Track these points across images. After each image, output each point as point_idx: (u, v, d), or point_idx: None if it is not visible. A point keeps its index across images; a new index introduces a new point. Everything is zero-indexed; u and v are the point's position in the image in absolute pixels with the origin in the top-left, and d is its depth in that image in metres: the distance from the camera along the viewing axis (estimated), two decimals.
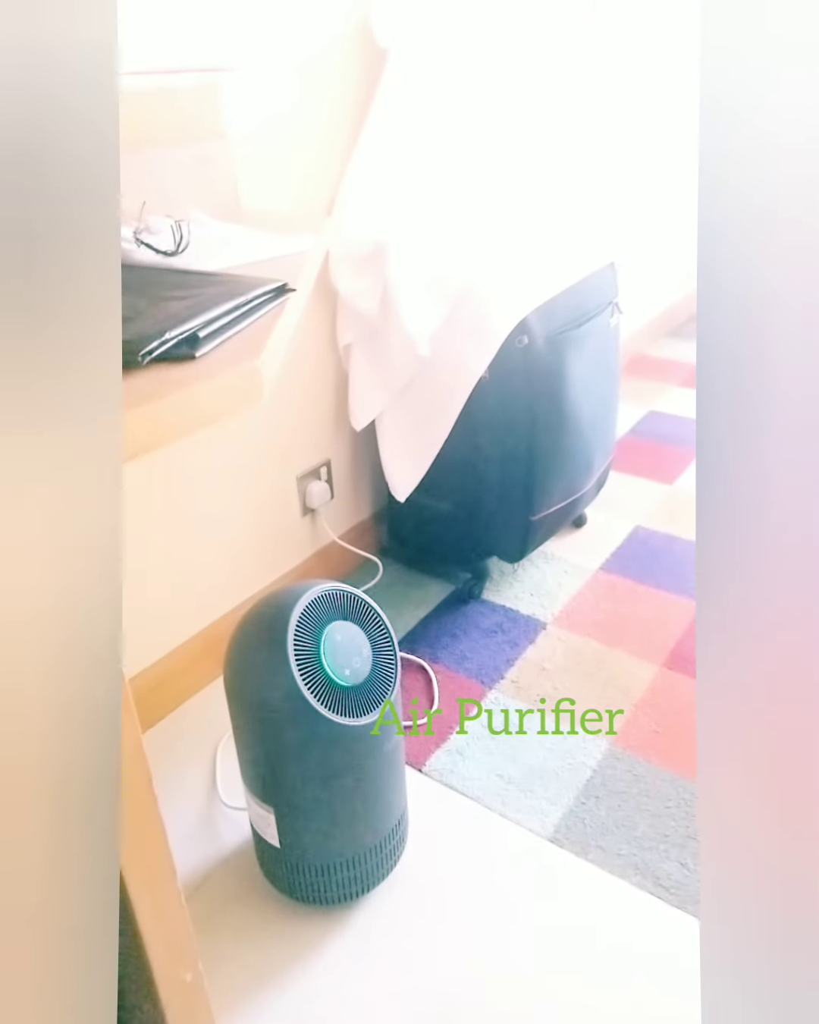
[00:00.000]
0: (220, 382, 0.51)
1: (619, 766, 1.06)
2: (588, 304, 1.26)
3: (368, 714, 0.81)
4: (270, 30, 0.99)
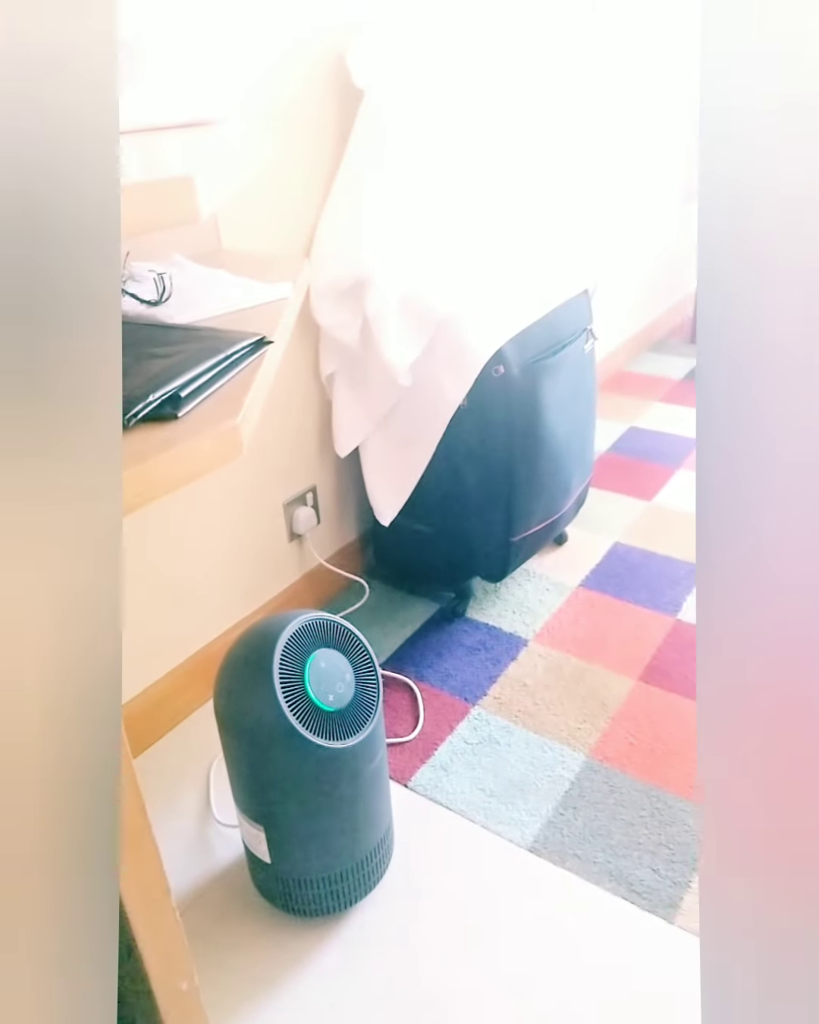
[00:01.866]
0: (201, 441, 0.56)
1: (596, 778, 1.11)
2: (562, 332, 1.31)
3: (351, 737, 0.86)
4: (250, 78, 1.04)
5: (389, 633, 1.40)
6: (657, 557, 1.56)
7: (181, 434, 0.56)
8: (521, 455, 1.26)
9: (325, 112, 1.17)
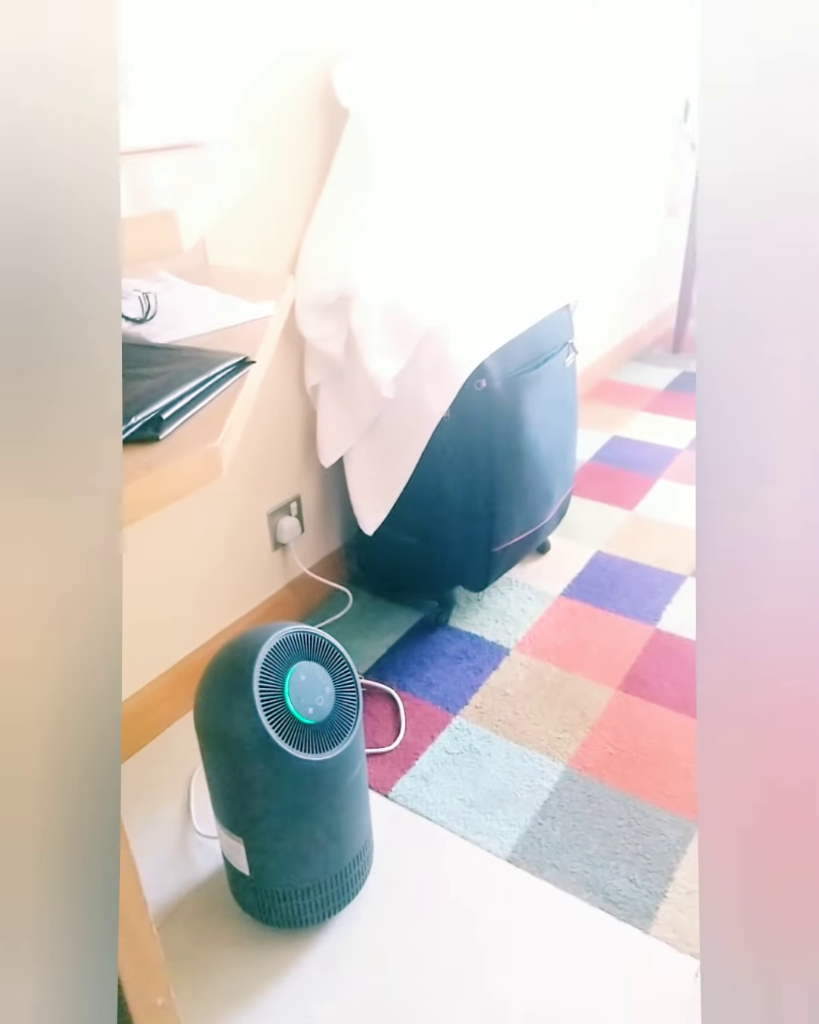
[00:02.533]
0: (182, 463, 0.57)
1: (574, 787, 1.12)
2: (544, 346, 1.33)
3: (331, 749, 0.87)
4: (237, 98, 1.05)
5: (372, 642, 1.41)
6: (637, 566, 1.58)
7: (162, 456, 0.57)
8: (503, 467, 1.28)
9: (311, 131, 1.18)
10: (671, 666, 1.32)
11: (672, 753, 1.16)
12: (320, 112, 1.18)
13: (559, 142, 1.86)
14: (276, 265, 1.20)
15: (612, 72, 1.98)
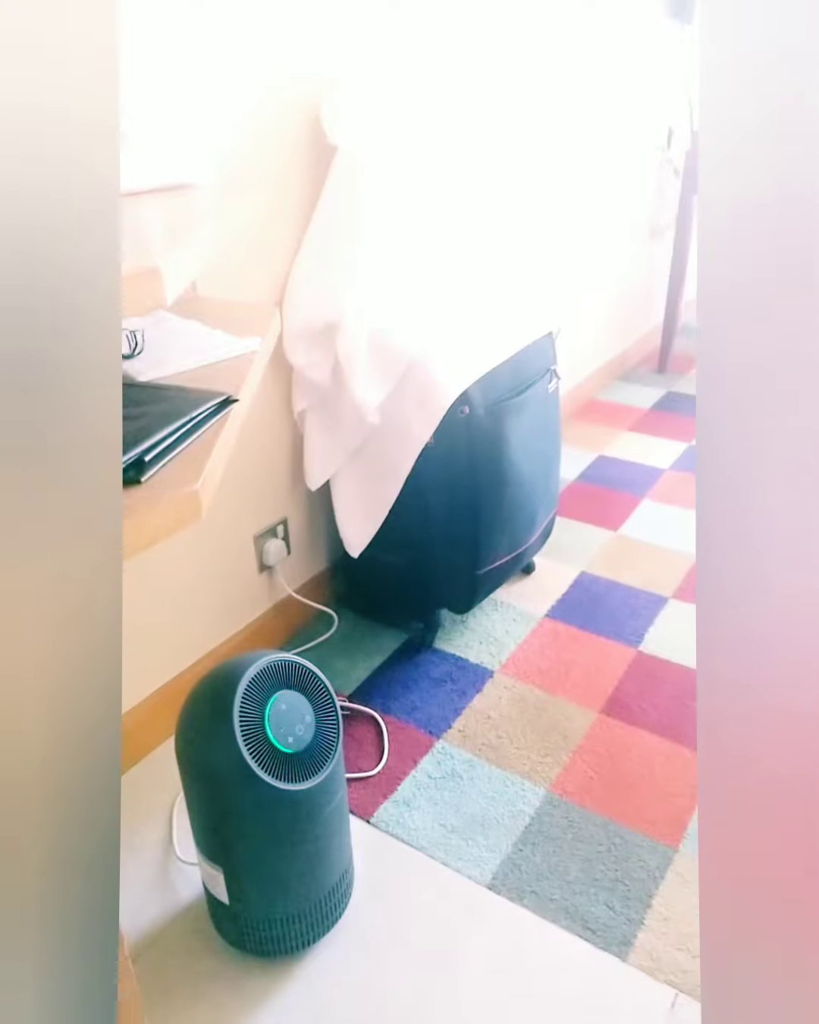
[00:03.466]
0: (162, 507, 0.58)
1: (555, 812, 1.13)
2: (527, 372, 1.35)
3: (310, 779, 0.88)
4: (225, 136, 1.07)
5: (357, 664, 1.42)
6: (621, 588, 1.60)
7: (142, 500, 0.58)
8: (486, 491, 1.29)
9: (299, 166, 1.20)
10: (652, 689, 1.34)
11: (652, 777, 1.17)
12: (307, 148, 1.21)
13: (544, 170, 1.89)
14: (264, 297, 1.22)
15: (596, 101, 2.02)
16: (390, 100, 1.22)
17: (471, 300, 1.36)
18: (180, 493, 0.59)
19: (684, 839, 1.08)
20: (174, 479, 0.61)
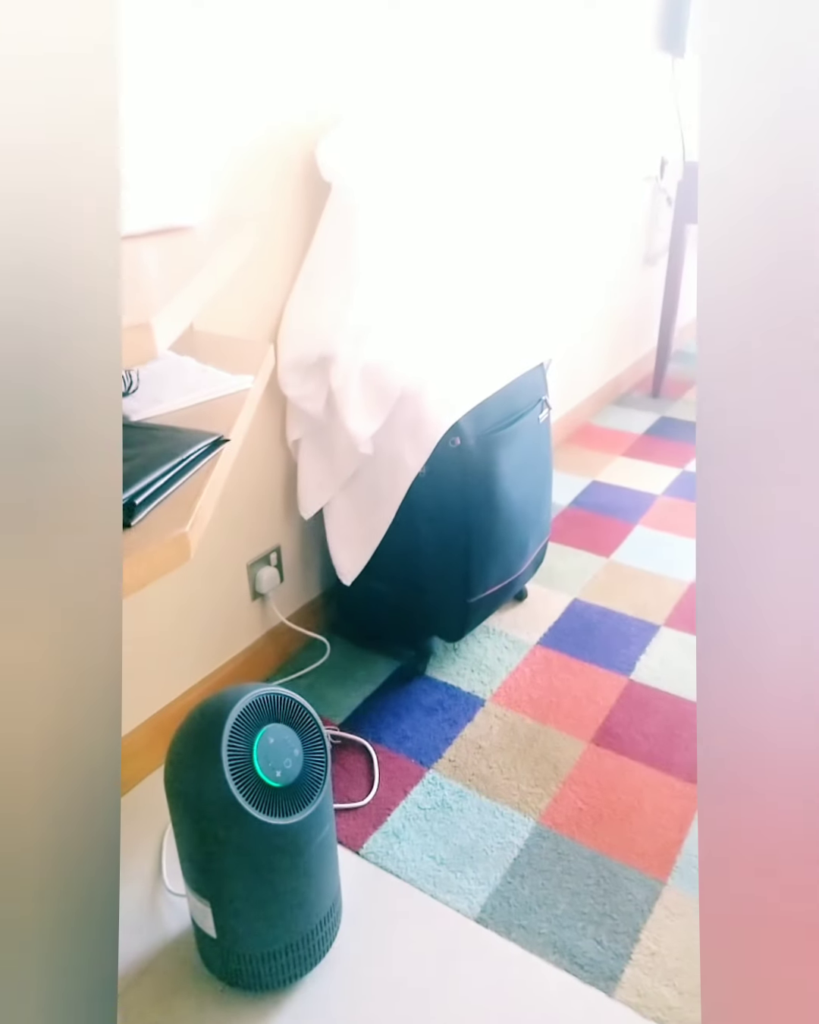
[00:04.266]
0: (151, 550, 0.59)
1: (545, 844, 1.13)
2: (518, 403, 1.37)
3: (298, 813, 0.88)
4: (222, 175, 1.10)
5: (349, 692, 1.42)
6: (613, 615, 1.61)
7: (132, 543, 0.59)
8: (477, 521, 1.31)
9: (294, 203, 1.23)
10: (643, 719, 1.34)
11: (641, 809, 1.18)
12: (303, 184, 1.23)
13: (539, 200, 1.93)
14: (258, 331, 1.24)
15: (590, 132, 2.06)
16: (384, 137, 1.25)
17: (464, 332, 1.39)
18: (169, 536, 0.60)
19: (673, 872, 1.08)
20: (163, 521, 0.62)
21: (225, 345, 1.03)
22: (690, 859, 1.10)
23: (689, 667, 1.46)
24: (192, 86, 1.02)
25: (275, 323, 1.27)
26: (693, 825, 1.14)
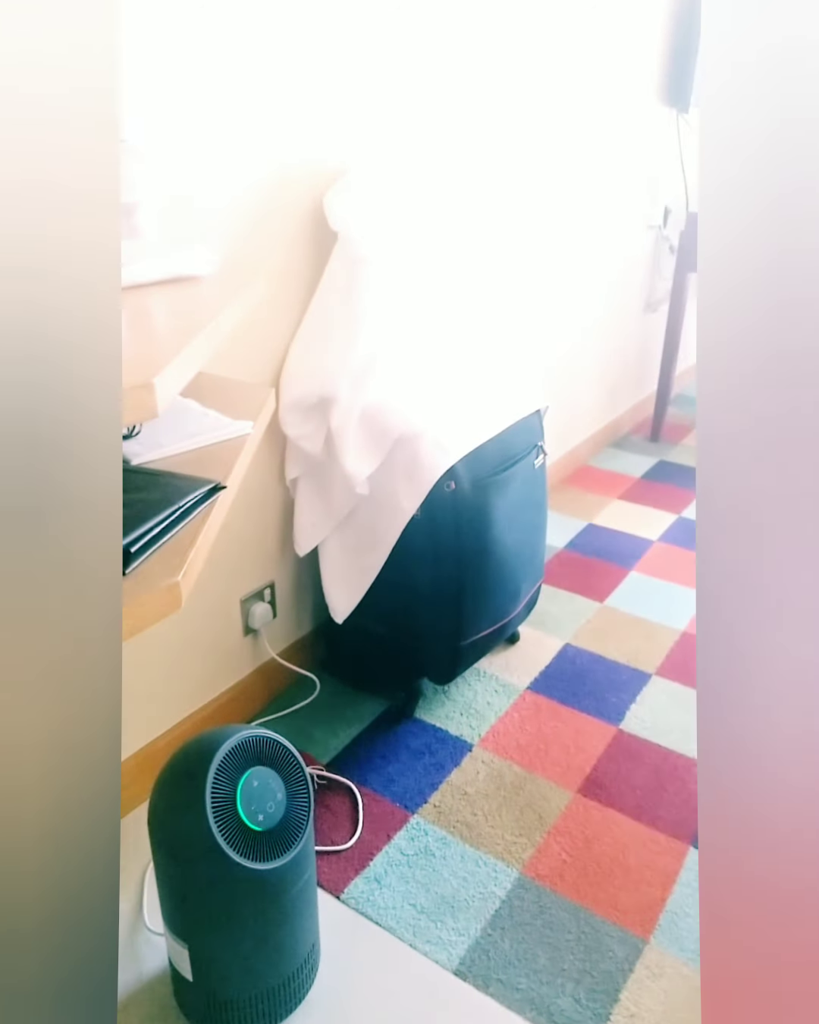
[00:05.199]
0: (143, 599, 0.61)
1: (527, 896, 1.12)
2: (514, 449, 1.40)
3: (279, 858, 0.88)
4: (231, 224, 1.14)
5: (336, 731, 1.42)
6: (605, 662, 1.61)
7: (125, 591, 0.61)
8: (470, 565, 1.32)
9: (301, 250, 1.27)
10: (631, 770, 1.34)
11: (626, 864, 1.17)
12: (310, 232, 1.28)
13: (542, 250, 1.99)
14: (260, 374, 1.28)
15: (595, 181, 2.13)
16: (389, 188, 1.29)
17: (462, 377, 1.42)
18: (162, 585, 0.62)
19: (655, 931, 1.07)
20: (157, 570, 0.64)
21: (227, 388, 1.06)
22: (673, 918, 1.09)
23: (679, 718, 1.45)
24: (203, 132, 1.06)
25: (277, 366, 1.30)
26: (677, 883, 1.13)
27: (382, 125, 1.35)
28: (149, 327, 0.75)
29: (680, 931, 1.07)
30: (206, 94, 1.04)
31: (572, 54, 1.83)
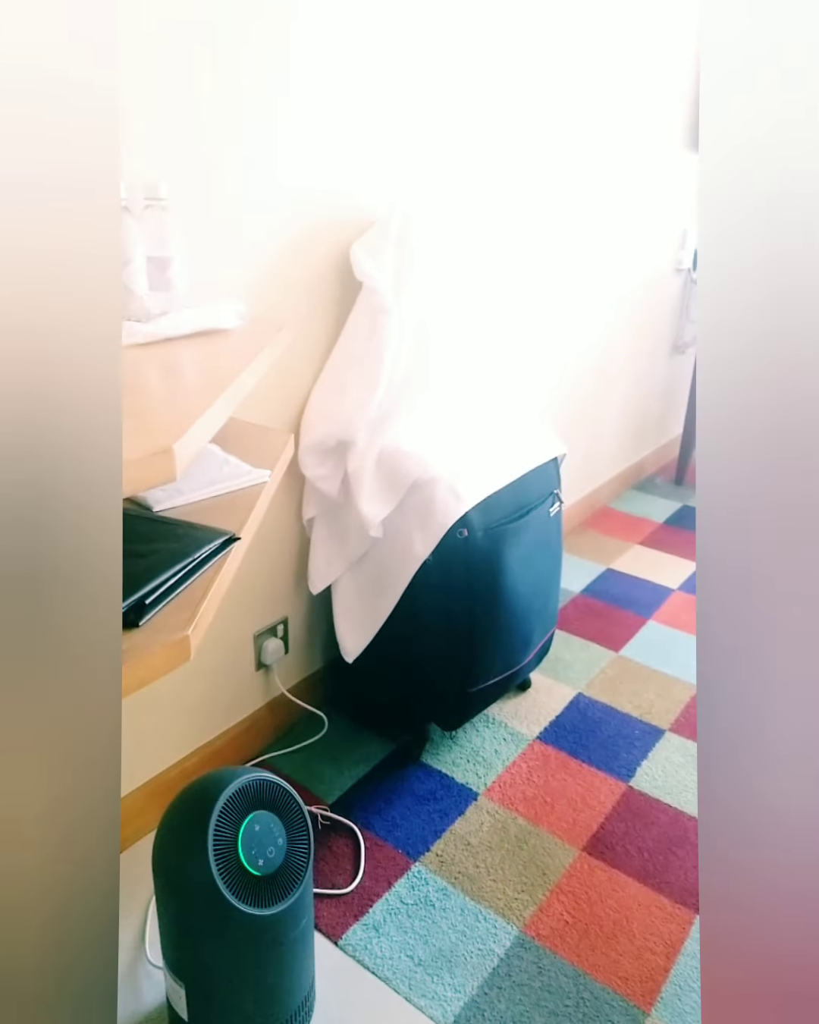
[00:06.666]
0: (153, 651, 0.63)
1: (526, 956, 1.10)
2: (529, 496, 1.41)
3: (278, 904, 0.88)
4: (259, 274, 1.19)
5: (342, 771, 1.42)
6: (617, 714, 1.59)
7: (136, 643, 0.63)
8: (481, 612, 1.33)
9: (327, 299, 1.31)
10: (639, 830, 1.31)
11: (629, 929, 1.14)
12: (335, 281, 1.32)
13: (569, 296, 2.02)
14: (282, 418, 1.31)
15: (624, 226, 2.16)
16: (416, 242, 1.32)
17: (479, 425, 1.44)
18: (172, 639, 0.64)
19: (657, 1003, 1.04)
20: (169, 622, 0.66)
21: (248, 433, 1.09)
22: (676, 989, 1.06)
23: (692, 778, 1.43)
24: (233, 184, 1.11)
25: (297, 408, 1.33)
26: (682, 953, 1.11)
27: (410, 177, 1.40)
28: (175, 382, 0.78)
29: (683, 1006, 1.04)
30: (236, 147, 1.09)
31: (602, 100, 1.88)
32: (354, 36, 1.18)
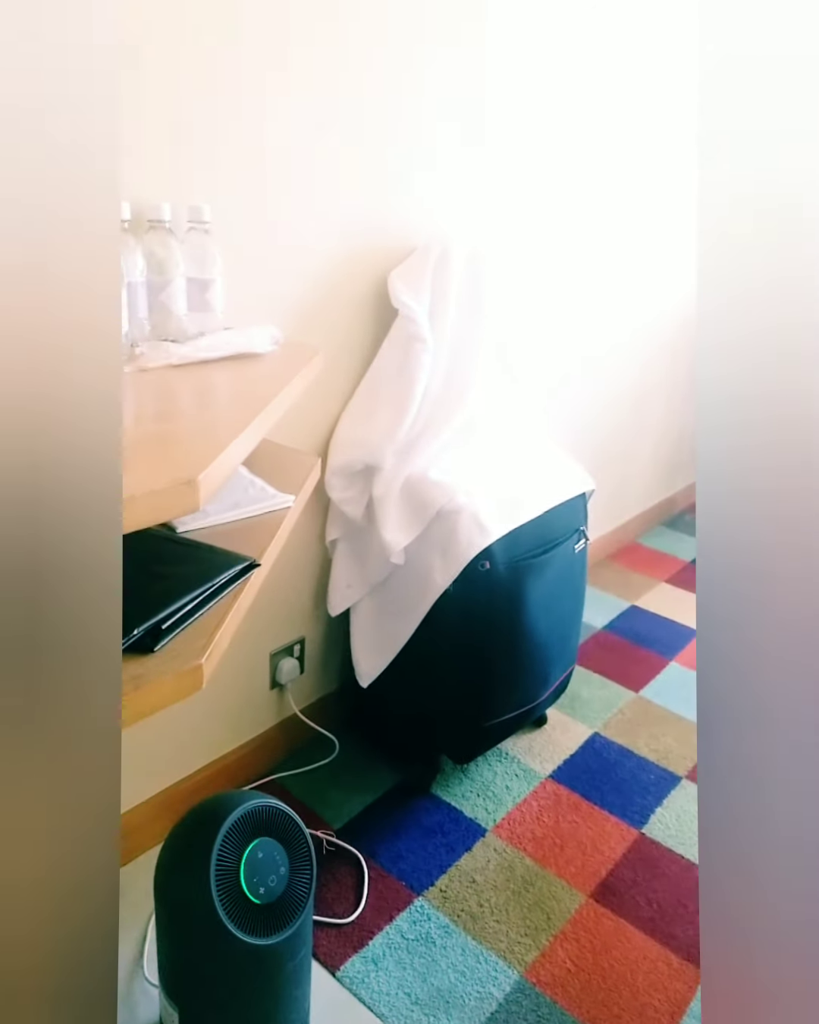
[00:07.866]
0: (166, 679, 0.63)
1: (525, 1003, 1.07)
2: (554, 532, 1.40)
3: (277, 934, 0.87)
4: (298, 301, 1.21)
5: (351, 797, 1.41)
6: (633, 757, 1.55)
7: (150, 669, 0.64)
8: (500, 647, 1.31)
9: (360, 324, 1.32)
10: (649, 880, 1.28)
11: (634, 983, 1.11)
12: (371, 307, 1.33)
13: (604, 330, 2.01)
14: (309, 439, 1.32)
15: (655, 256, 2.16)
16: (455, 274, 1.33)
17: (507, 457, 1.43)
18: (185, 667, 0.64)
19: None
20: (183, 649, 0.66)
21: (275, 455, 1.10)
22: None
23: None
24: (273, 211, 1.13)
25: (326, 433, 1.35)
26: (687, 1014, 1.07)
27: (451, 209, 1.42)
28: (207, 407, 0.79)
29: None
30: (278, 175, 1.11)
31: (648, 129, 1.89)
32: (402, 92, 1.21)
